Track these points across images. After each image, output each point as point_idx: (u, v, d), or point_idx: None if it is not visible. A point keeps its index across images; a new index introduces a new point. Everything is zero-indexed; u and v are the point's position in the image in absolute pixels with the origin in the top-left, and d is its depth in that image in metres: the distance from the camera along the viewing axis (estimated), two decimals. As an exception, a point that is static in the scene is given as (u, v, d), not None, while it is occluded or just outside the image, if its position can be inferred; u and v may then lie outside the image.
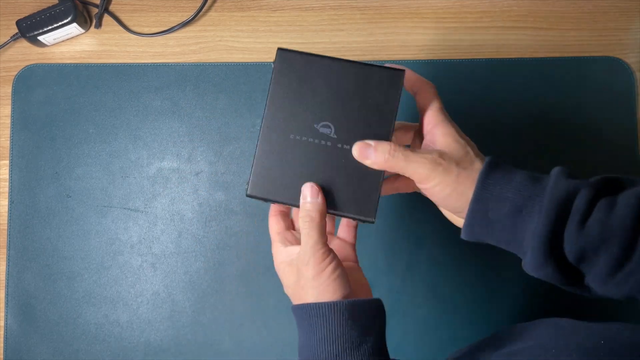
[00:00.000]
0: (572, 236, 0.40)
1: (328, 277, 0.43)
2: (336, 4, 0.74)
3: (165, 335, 0.68)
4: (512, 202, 0.41)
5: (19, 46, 0.73)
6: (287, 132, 0.45)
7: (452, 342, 0.68)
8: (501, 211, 0.41)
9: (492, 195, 0.41)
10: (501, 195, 0.41)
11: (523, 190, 0.41)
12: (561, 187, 0.40)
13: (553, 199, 0.40)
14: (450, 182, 0.42)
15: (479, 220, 0.42)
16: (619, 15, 0.74)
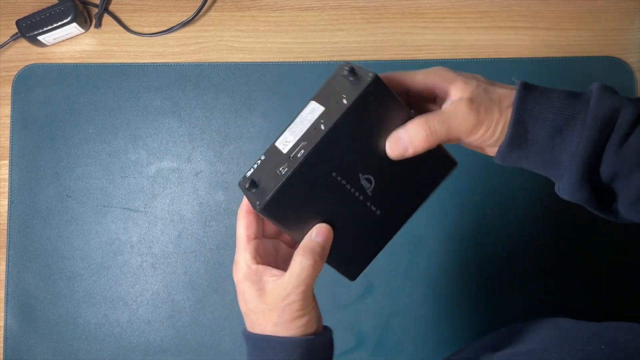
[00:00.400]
0: (610, 156, 0.38)
1: (300, 319, 0.40)
2: (336, 3, 0.73)
3: (165, 335, 0.68)
4: (552, 122, 0.39)
5: (19, 46, 0.73)
6: (332, 167, 0.40)
7: (452, 342, 0.68)
8: (540, 133, 0.39)
9: (532, 116, 0.39)
10: (540, 116, 0.39)
11: (564, 109, 0.39)
12: (605, 104, 0.38)
13: (596, 118, 0.38)
14: (497, 118, 0.39)
15: (517, 143, 0.39)
16: (619, 15, 0.74)
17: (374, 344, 0.68)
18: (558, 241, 0.70)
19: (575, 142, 0.38)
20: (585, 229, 0.70)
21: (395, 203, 0.44)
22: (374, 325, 0.68)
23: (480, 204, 0.70)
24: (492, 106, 0.39)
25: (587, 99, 0.39)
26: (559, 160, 0.40)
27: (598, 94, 0.39)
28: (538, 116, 0.39)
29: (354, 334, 0.68)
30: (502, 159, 0.41)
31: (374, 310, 0.68)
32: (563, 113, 0.38)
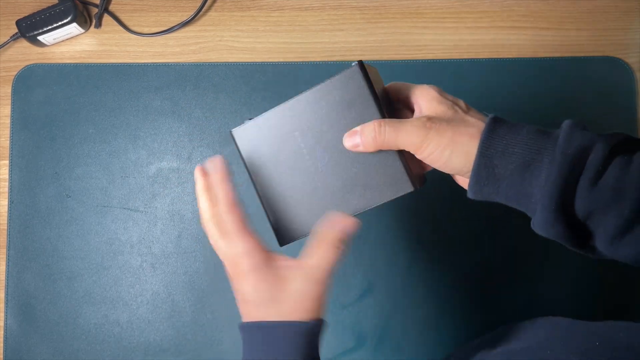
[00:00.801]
0: (584, 193, 0.37)
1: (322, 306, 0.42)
2: (336, 3, 0.73)
3: (165, 335, 0.68)
4: (520, 156, 0.39)
5: (19, 46, 0.73)
6: (295, 127, 0.45)
7: (453, 342, 0.68)
8: (508, 167, 0.39)
9: (498, 150, 0.39)
10: (507, 150, 0.39)
11: (531, 144, 0.39)
12: (575, 140, 0.38)
13: (566, 152, 0.37)
14: (447, 142, 0.40)
15: (484, 177, 0.40)
16: (619, 15, 0.74)
17: (374, 344, 0.68)
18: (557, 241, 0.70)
19: (544, 176, 0.38)
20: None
21: (339, 193, 0.44)
22: (374, 325, 0.68)
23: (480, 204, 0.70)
24: (447, 129, 0.40)
25: (556, 136, 0.39)
26: (530, 194, 0.39)
27: (568, 130, 0.38)
28: (505, 150, 0.39)
29: (354, 334, 0.68)
30: (474, 193, 0.41)
31: (374, 310, 0.68)
32: (531, 148, 0.39)
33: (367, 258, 0.69)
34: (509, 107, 0.71)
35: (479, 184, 0.40)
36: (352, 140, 0.42)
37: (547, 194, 0.38)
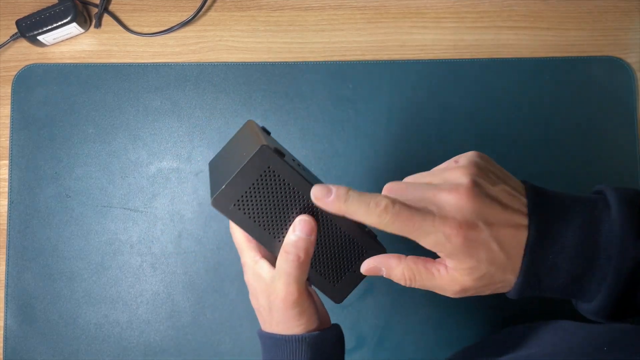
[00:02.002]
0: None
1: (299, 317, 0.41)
2: (336, 3, 0.73)
3: (165, 335, 0.68)
4: (568, 272, 0.35)
5: (19, 46, 0.73)
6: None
7: (453, 343, 0.68)
8: (555, 282, 0.36)
9: (544, 267, 0.35)
10: (555, 265, 0.35)
11: (580, 258, 0.35)
12: (628, 257, 0.34)
13: (620, 272, 0.34)
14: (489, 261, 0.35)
15: (528, 290, 0.36)
16: (620, 15, 0.74)
17: (374, 344, 0.68)
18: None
19: (596, 290, 0.35)
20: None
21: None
22: (374, 325, 0.68)
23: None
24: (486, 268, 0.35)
25: (606, 236, 0.34)
26: (579, 299, 0.37)
27: (620, 242, 0.34)
28: (552, 267, 0.35)
29: (354, 334, 0.68)
30: (514, 296, 0.38)
31: (374, 310, 0.68)
32: (580, 262, 0.35)
33: (367, 258, 0.69)
34: (509, 107, 0.71)
35: (521, 294, 0.37)
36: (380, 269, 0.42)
37: (601, 308, 0.36)
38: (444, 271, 0.37)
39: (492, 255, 0.35)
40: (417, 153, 0.71)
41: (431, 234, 0.35)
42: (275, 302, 0.41)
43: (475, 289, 0.36)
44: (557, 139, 0.71)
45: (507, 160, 0.71)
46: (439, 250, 0.35)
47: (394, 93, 0.71)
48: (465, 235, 0.34)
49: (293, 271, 0.40)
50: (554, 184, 0.70)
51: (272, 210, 0.40)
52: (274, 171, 0.39)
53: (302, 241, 0.40)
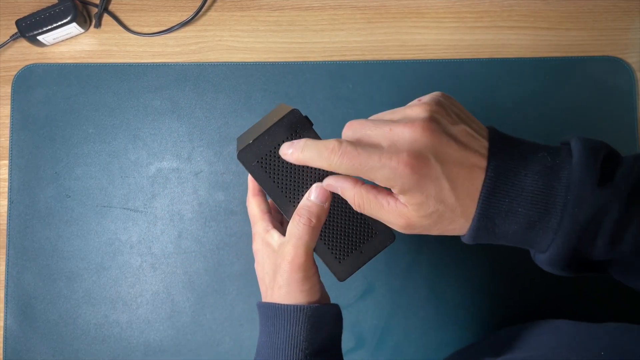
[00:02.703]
0: (600, 251, 0.34)
1: (303, 283, 0.41)
2: (336, 3, 0.73)
3: (165, 335, 0.68)
4: (524, 217, 0.34)
5: (19, 46, 0.73)
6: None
7: (453, 343, 0.68)
8: (510, 227, 0.35)
9: (500, 210, 0.34)
10: (511, 210, 0.34)
11: (537, 203, 0.34)
12: (586, 204, 0.33)
13: (576, 220, 0.33)
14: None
15: (483, 234, 0.36)
16: (620, 15, 0.74)
17: (374, 344, 0.68)
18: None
19: (551, 238, 0.34)
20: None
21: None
22: (374, 325, 0.68)
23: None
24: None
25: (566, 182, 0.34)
26: (534, 246, 0.36)
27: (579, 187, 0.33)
28: (508, 210, 0.34)
29: (354, 334, 0.68)
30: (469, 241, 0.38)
31: (374, 310, 0.68)
32: (536, 206, 0.34)
33: (367, 258, 0.69)
34: (509, 107, 0.71)
35: (475, 238, 0.37)
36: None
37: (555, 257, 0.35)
38: (393, 204, 0.36)
39: (441, 193, 0.34)
40: (417, 153, 0.70)
41: (379, 169, 0.34)
42: (281, 265, 0.41)
43: (422, 227, 0.36)
44: (557, 138, 0.71)
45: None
46: (390, 185, 0.35)
47: (394, 93, 0.71)
48: (413, 168, 0.33)
49: (303, 235, 0.40)
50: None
51: (293, 174, 0.41)
52: (301, 136, 0.41)
53: (316, 207, 0.41)
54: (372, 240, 0.44)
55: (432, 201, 0.34)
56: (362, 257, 0.44)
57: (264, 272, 0.44)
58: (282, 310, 0.41)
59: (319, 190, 0.41)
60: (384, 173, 0.34)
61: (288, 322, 0.41)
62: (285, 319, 0.41)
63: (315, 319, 0.41)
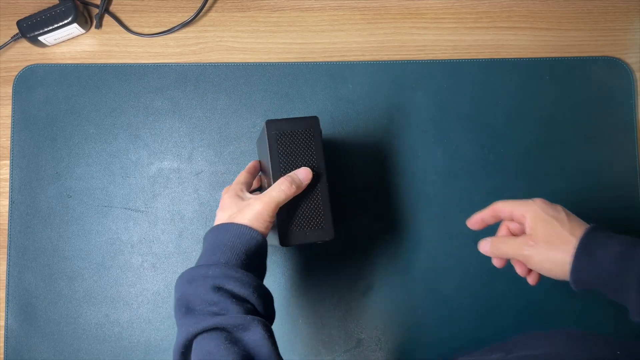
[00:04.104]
0: None
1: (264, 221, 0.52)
2: (336, 4, 0.74)
3: (165, 334, 0.68)
4: (618, 245, 0.46)
5: (20, 46, 0.73)
6: None
7: (452, 342, 0.68)
8: (607, 257, 0.46)
9: (597, 244, 0.46)
10: (606, 243, 0.47)
11: (626, 242, 0.46)
12: None
13: None
14: (544, 259, 0.49)
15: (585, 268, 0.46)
16: (619, 16, 0.74)
17: (374, 344, 0.68)
18: None
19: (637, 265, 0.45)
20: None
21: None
22: (374, 325, 0.68)
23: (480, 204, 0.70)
24: (544, 248, 0.49)
25: None
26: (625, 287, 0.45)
27: None
28: (603, 244, 0.47)
29: (354, 334, 0.68)
30: (574, 282, 0.49)
31: (374, 310, 0.69)
32: (625, 243, 0.47)
33: (367, 258, 0.69)
34: (508, 107, 0.72)
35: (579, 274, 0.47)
36: (483, 248, 0.54)
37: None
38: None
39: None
40: (417, 153, 0.71)
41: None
42: (246, 212, 0.51)
43: (534, 247, 0.50)
44: (557, 139, 0.71)
45: (507, 160, 0.71)
46: (524, 252, 0.50)
47: (394, 93, 0.72)
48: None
49: (277, 195, 0.52)
50: (553, 183, 0.71)
51: (293, 154, 0.55)
52: (312, 135, 0.55)
53: (299, 180, 0.53)
54: (317, 231, 0.55)
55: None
56: (304, 238, 0.55)
57: (225, 214, 0.54)
58: (231, 225, 0.51)
59: (305, 171, 0.54)
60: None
61: (235, 234, 0.50)
62: (232, 231, 0.51)
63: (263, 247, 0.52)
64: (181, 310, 0.47)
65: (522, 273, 0.54)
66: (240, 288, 0.47)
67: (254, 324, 0.45)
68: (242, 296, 0.47)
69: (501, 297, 0.69)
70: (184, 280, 0.49)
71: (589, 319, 0.69)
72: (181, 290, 0.48)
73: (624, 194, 0.71)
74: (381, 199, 0.70)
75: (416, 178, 0.70)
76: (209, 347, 0.43)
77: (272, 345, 0.44)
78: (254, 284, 0.48)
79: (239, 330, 0.44)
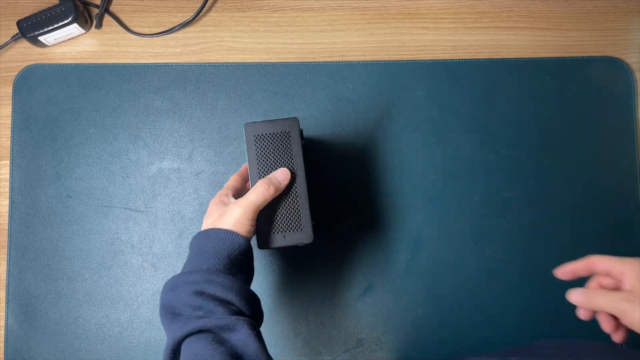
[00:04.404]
0: None
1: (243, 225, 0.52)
2: (336, 4, 0.74)
3: (165, 335, 0.68)
4: None
5: (20, 46, 0.73)
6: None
7: (452, 342, 0.68)
8: None
9: None
10: None
11: None
12: None
13: None
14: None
15: None
16: (619, 16, 0.74)
17: (374, 344, 0.68)
18: (558, 241, 0.70)
19: None
20: (581, 229, 0.70)
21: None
22: (374, 325, 0.68)
23: (480, 204, 0.70)
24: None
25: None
26: None
27: None
28: None
29: (354, 334, 0.68)
30: None
31: (374, 310, 0.69)
32: None
33: (367, 258, 0.69)
34: (508, 107, 0.72)
35: None
36: (573, 298, 0.52)
37: None
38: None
39: None
40: (417, 153, 0.71)
41: None
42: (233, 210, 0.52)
43: (633, 303, 0.47)
44: (557, 139, 0.71)
45: (507, 160, 0.71)
46: (621, 307, 0.48)
47: (394, 93, 0.72)
48: None
49: (255, 199, 0.52)
50: (553, 183, 0.71)
51: (271, 156, 0.55)
52: (290, 136, 0.55)
53: (276, 181, 0.54)
54: (296, 234, 0.55)
55: None
56: (283, 241, 0.55)
57: (208, 221, 0.54)
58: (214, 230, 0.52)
59: (283, 172, 0.54)
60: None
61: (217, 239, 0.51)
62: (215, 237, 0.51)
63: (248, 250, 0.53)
64: (167, 317, 0.48)
65: (609, 329, 0.53)
66: (222, 292, 0.48)
67: (239, 323, 0.45)
68: (225, 299, 0.48)
69: (501, 297, 0.69)
70: (167, 288, 0.50)
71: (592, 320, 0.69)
72: (165, 297, 0.49)
73: (624, 194, 0.71)
74: (381, 199, 0.70)
75: (416, 178, 0.70)
76: (196, 349, 0.44)
77: (259, 344, 0.45)
78: (236, 287, 0.49)
79: (225, 330, 0.45)
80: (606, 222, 0.70)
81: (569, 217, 0.70)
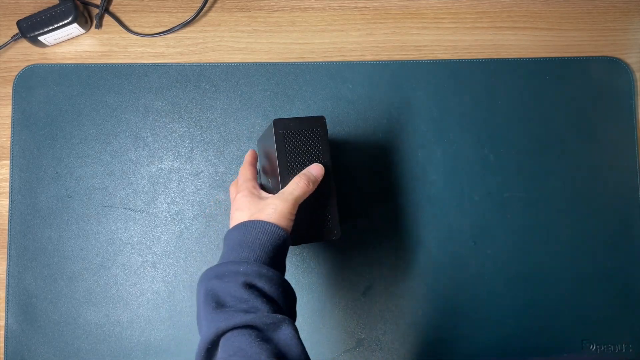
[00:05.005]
0: None
1: (287, 219, 0.52)
2: (336, 4, 0.74)
3: (165, 335, 0.68)
4: None
5: (20, 46, 0.73)
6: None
7: (452, 343, 0.68)
8: None
9: None
10: None
11: None
12: None
13: None
14: None
15: None
16: (618, 16, 0.74)
17: (374, 344, 0.68)
18: (558, 241, 0.70)
19: None
20: (581, 229, 0.70)
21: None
22: (374, 325, 0.68)
23: (480, 204, 0.70)
24: None
25: None
26: None
27: None
28: None
29: (354, 334, 0.68)
30: None
31: (374, 310, 0.69)
32: None
33: (367, 258, 0.69)
34: (508, 107, 0.72)
35: None
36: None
37: None
38: None
39: None
40: (417, 153, 0.71)
41: None
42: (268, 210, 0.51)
43: None
44: (557, 139, 0.71)
45: (507, 160, 0.71)
46: None
47: (394, 93, 0.72)
48: None
49: (297, 193, 0.52)
50: (553, 183, 0.71)
51: (300, 153, 0.56)
52: (318, 134, 0.56)
53: (313, 177, 0.54)
54: (324, 230, 0.56)
55: None
56: (311, 238, 0.56)
57: (242, 213, 0.53)
58: (256, 222, 0.51)
59: (318, 168, 0.55)
60: None
61: (261, 230, 0.50)
62: (257, 228, 0.51)
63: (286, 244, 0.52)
64: (211, 305, 0.46)
65: None
66: (270, 287, 0.47)
67: (284, 323, 0.45)
68: (271, 295, 0.47)
69: (501, 297, 0.69)
70: (212, 275, 0.48)
71: (590, 320, 0.69)
72: (210, 284, 0.48)
73: (624, 194, 0.71)
74: (381, 199, 0.70)
75: (416, 178, 0.70)
76: (240, 343, 0.43)
77: (301, 345, 0.44)
78: (282, 284, 0.48)
79: (270, 329, 0.44)
80: (606, 222, 0.70)
81: (569, 217, 0.70)
